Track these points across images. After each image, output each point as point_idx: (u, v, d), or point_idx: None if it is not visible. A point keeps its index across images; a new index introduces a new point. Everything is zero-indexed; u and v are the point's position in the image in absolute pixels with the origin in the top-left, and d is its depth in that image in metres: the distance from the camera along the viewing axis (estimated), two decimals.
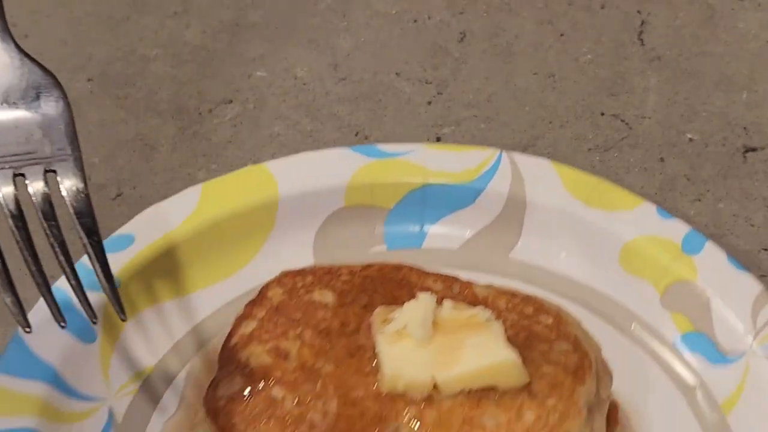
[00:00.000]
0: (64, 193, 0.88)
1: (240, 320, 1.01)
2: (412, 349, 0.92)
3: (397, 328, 0.94)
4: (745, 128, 1.38)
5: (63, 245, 0.87)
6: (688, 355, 1.10)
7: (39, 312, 1.06)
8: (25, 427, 0.98)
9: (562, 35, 1.54)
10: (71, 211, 0.88)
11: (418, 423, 0.91)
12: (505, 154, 1.25)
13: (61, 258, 0.87)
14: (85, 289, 0.91)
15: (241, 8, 1.58)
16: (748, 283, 1.10)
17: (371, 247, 1.23)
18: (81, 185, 0.89)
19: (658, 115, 1.40)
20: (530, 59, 1.49)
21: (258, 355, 0.96)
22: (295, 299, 1.02)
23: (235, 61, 1.49)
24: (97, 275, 0.89)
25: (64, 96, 0.91)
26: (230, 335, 1.00)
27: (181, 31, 1.54)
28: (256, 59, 1.49)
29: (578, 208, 1.20)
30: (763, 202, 1.27)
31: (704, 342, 1.10)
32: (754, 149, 1.34)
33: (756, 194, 1.28)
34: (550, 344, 0.98)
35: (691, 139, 1.36)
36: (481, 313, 0.95)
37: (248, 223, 1.21)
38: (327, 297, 1.02)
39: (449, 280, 1.06)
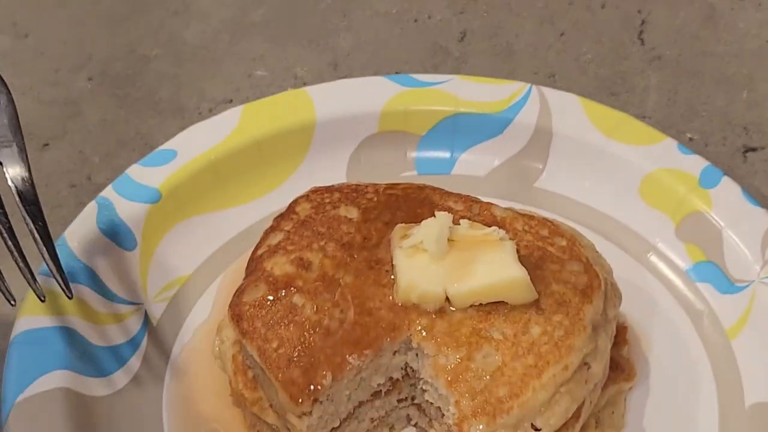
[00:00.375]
0: (9, 182, 0.93)
1: (268, 232, 1.06)
2: (427, 263, 0.96)
3: (413, 243, 0.98)
4: (745, 128, 1.38)
5: (11, 230, 0.93)
6: (698, 284, 1.14)
7: (80, 224, 1.13)
8: (64, 325, 1.04)
9: (562, 35, 1.53)
10: (17, 199, 0.93)
11: (429, 332, 0.95)
12: (534, 88, 1.28)
13: (9, 243, 0.93)
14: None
15: (241, 8, 1.57)
16: (760, 217, 1.13)
17: (402, 172, 1.28)
18: (26, 174, 0.94)
19: (659, 114, 1.39)
20: (530, 58, 1.48)
21: (282, 264, 1.00)
22: (322, 214, 1.06)
23: (235, 61, 1.48)
24: (44, 257, 0.94)
25: (8, 91, 0.97)
26: (258, 246, 1.05)
27: (181, 30, 1.53)
28: (256, 58, 1.48)
29: (602, 140, 1.23)
30: (763, 201, 1.26)
31: (715, 271, 1.14)
32: (754, 149, 1.35)
33: (756, 193, 1.28)
34: (562, 264, 1.02)
35: (691, 139, 1.36)
36: (495, 232, 0.99)
37: (286, 144, 1.26)
38: (352, 213, 1.06)
39: (470, 201, 1.09)
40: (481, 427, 0.90)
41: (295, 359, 0.93)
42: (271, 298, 0.98)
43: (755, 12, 1.56)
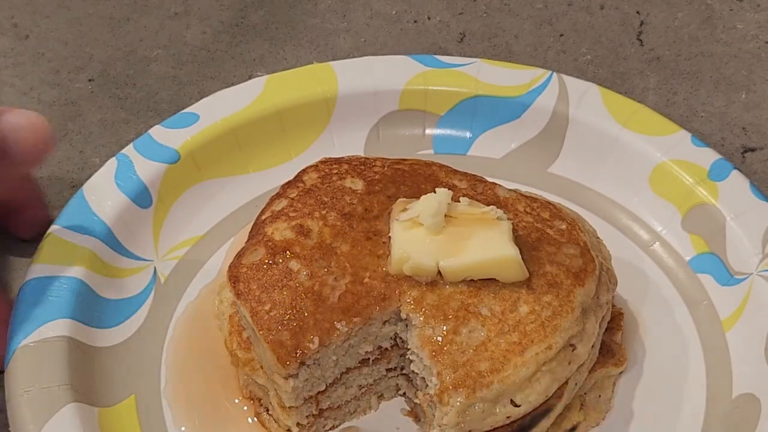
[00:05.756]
0: None
1: (273, 198, 1.06)
2: (422, 236, 0.95)
3: (411, 216, 0.97)
4: (743, 128, 1.35)
5: None
6: (699, 275, 1.12)
7: (99, 179, 1.14)
8: (74, 276, 1.05)
9: (561, 35, 1.50)
10: None
11: (418, 304, 0.94)
12: (555, 75, 1.27)
13: None
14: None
15: (241, 9, 1.54)
16: (765, 211, 1.11)
17: (419, 150, 1.26)
18: None
19: None
20: (529, 59, 1.43)
21: (282, 230, 1.00)
22: (327, 184, 1.05)
23: (235, 62, 1.44)
24: None
25: None
26: (263, 211, 1.05)
27: (181, 31, 1.50)
28: (256, 60, 1.46)
29: (617, 129, 1.21)
30: None
31: (716, 263, 1.11)
32: (752, 149, 1.32)
33: None
34: (558, 247, 1.00)
35: None
36: (493, 211, 0.97)
37: (306, 115, 1.25)
38: (357, 184, 1.05)
39: (474, 180, 1.08)
40: (460, 399, 0.89)
41: (285, 322, 0.93)
42: (268, 262, 0.97)
43: (754, 13, 1.52)
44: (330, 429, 1.02)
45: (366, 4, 1.55)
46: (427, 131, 1.28)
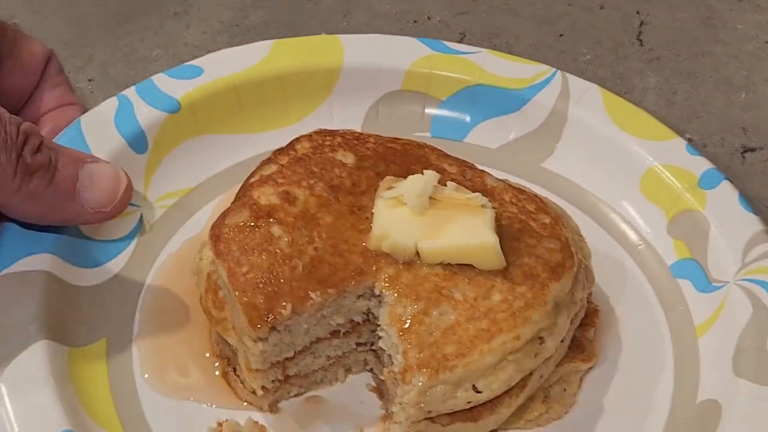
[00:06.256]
0: None
1: (264, 163, 1.06)
2: (404, 216, 0.96)
3: (395, 195, 0.97)
4: (743, 128, 1.35)
5: None
6: (679, 280, 1.13)
7: (97, 115, 1.14)
8: None
9: (561, 35, 1.50)
10: None
11: (393, 282, 0.95)
12: (559, 73, 1.27)
13: None
14: None
15: (241, 9, 1.54)
16: (750, 222, 1.11)
17: (416, 132, 1.27)
18: None
19: (657, 115, 1.32)
20: (530, 59, 1.39)
21: (269, 195, 1.00)
22: (319, 154, 1.06)
23: None
24: None
25: None
26: (252, 174, 1.05)
27: (181, 31, 1.50)
28: None
29: (613, 130, 1.22)
30: (761, 202, 1.25)
31: (696, 269, 1.12)
32: (752, 149, 1.32)
33: (754, 194, 1.26)
34: (539, 240, 1.00)
35: (690, 139, 1.33)
36: (478, 198, 0.97)
37: (309, 84, 1.26)
38: (348, 158, 1.06)
39: (464, 166, 1.08)
40: (422, 379, 0.90)
41: (260, 286, 0.93)
42: (251, 224, 0.98)
43: (754, 13, 1.53)
44: (294, 396, 1.03)
45: (367, 4, 1.55)
46: (426, 114, 1.28)
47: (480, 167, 1.10)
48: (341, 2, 1.55)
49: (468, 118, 1.28)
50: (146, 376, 1.01)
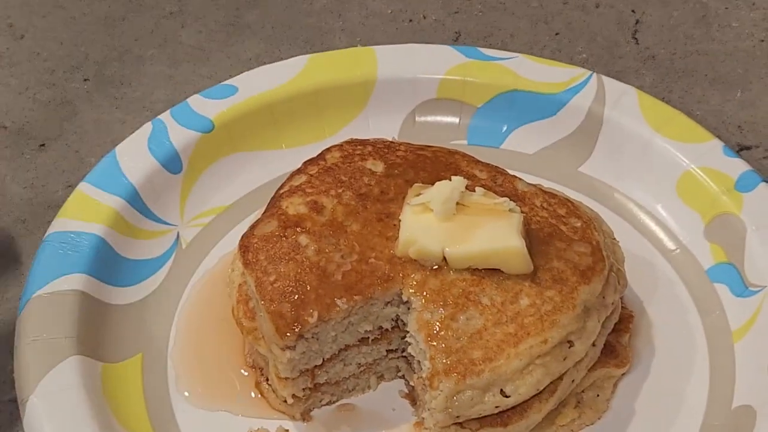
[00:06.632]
0: None
1: (294, 174, 1.07)
2: (431, 222, 0.96)
3: (422, 201, 0.97)
4: (739, 127, 1.33)
5: None
6: (715, 284, 1.11)
7: (132, 141, 1.16)
8: (94, 233, 1.07)
9: (557, 34, 1.49)
10: None
11: (420, 288, 0.94)
12: (595, 75, 1.26)
13: None
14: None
15: (236, 8, 1.54)
16: None
17: (453, 140, 1.27)
18: None
19: None
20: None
21: (297, 205, 1.01)
22: (348, 164, 1.06)
23: (230, 61, 1.44)
24: None
25: None
26: (282, 185, 1.06)
27: (176, 30, 1.50)
28: (251, 59, 1.45)
29: (650, 133, 1.21)
30: None
31: (733, 274, 1.10)
32: (748, 147, 1.30)
33: None
34: (569, 244, 0.99)
35: None
36: (505, 203, 0.97)
37: (344, 97, 1.26)
38: (377, 167, 1.06)
39: (495, 172, 1.08)
40: (450, 384, 0.89)
41: (287, 294, 0.94)
42: (279, 234, 0.99)
43: (749, 11, 1.51)
44: (326, 404, 1.03)
45: (361, 3, 1.55)
46: (463, 122, 1.28)
47: (516, 173, 1.10)
48: (336, 1, 1.55)
49: (504, 125, 1.28)
50: (186, 394, 1.02)
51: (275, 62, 1.28)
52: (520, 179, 1.08)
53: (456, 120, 1.28)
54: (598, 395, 1.02)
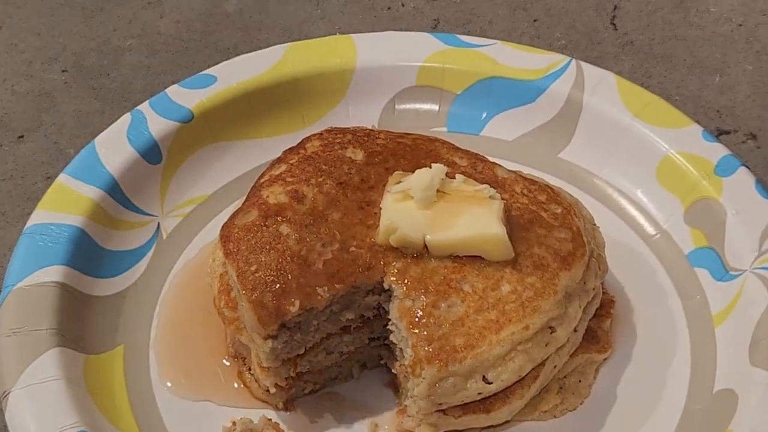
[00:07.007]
0: None
1: (274, 163, 1.06)
2: (412, 209, 0.95)
3: (403, 189, 0.97)
4: (718, 111, 1.34)
5: None
6: (696, 269, 1.11)
7: (111, 132, 1.16)
8: (74, 224, 1.07)
9: (535, 21, 1.49)
10: None
11: (402, 275, 0.94)
12: (574, 62, 1.26)
13: None
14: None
15: None
16: (767, 209, 1.09)
17: (432, 127, 1.26)
18: None
19: None
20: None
21: (277, 194, 1.00)
22: (328, 152, 1.06)
23: (209, 51, 1.44)
24: None
25: None
26: (262, 174, 1.05)
27: (155, 21, 1.49)
28: (230, 48, 1.44)
29: (629, 119, 1.20)
30: None
31: (713, 258, 1.10)
32: (727, 132, 1.31)
33: None
34: (550, 230, 0.99)
35: None
36: (486, 189, 0.97)
37: (323, 85, 1.26)
38: (358, 155, 1.05)
39: (475, 159, 1.07)
40: (432, 371, 0.89)
41: (268, 284, 0.93)
42: (259, 224, 0.98)
43: None
44: (309, 393, 1.03)
45: None
46: (442, 109, 1.28)
47: (496, 160, 1.09)
48: None
49: (484, 112, 1.27)
50: (168, 384, 1.02)
51: (254, 51, 1.27)
52: (500, 166, 1.08)
53: (435, 107, 1.28)
54: (580, 381, 1.03)
